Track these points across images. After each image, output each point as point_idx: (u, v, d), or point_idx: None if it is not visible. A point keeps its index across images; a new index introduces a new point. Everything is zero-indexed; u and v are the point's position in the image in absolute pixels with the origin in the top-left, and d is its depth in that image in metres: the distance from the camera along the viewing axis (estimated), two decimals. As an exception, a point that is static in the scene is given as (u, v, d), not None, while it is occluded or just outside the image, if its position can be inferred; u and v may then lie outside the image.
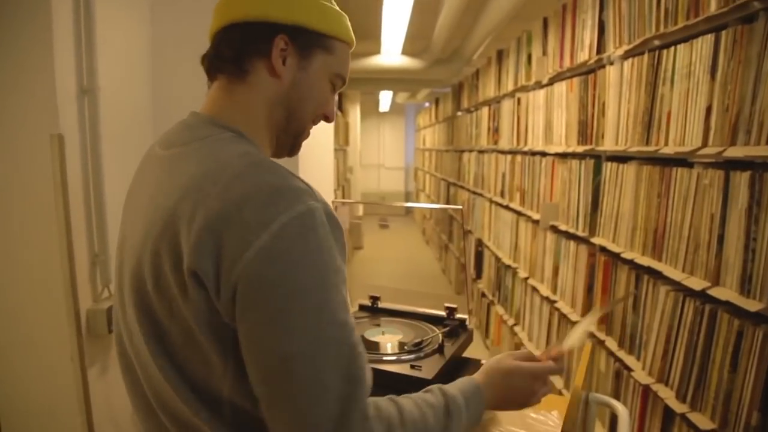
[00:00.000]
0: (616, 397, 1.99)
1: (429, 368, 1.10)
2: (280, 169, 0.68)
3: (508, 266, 3.54)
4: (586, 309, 2.30)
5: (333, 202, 1.43)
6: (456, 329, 1.30)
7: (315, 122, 0.87)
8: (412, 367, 1.11)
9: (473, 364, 1.26)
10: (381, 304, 1.48)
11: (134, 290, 0.72)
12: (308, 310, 0.63)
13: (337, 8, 0.83)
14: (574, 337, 0.94)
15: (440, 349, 1.19)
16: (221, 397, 0.69)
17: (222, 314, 0.64)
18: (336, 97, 0.90)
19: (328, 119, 0.88)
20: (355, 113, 9.64)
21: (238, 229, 0.62)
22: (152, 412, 0.75)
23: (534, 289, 3.00)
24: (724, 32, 1.43)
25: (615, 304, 2.04)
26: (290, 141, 0.85)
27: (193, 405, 0.69)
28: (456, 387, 0.82)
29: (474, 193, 4.81)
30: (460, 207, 1.30)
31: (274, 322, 0.62)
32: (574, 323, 2.38)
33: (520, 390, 0.86)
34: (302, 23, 0.77)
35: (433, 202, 8.08)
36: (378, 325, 1.35)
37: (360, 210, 8.01)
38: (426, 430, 0.71)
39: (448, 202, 6.46)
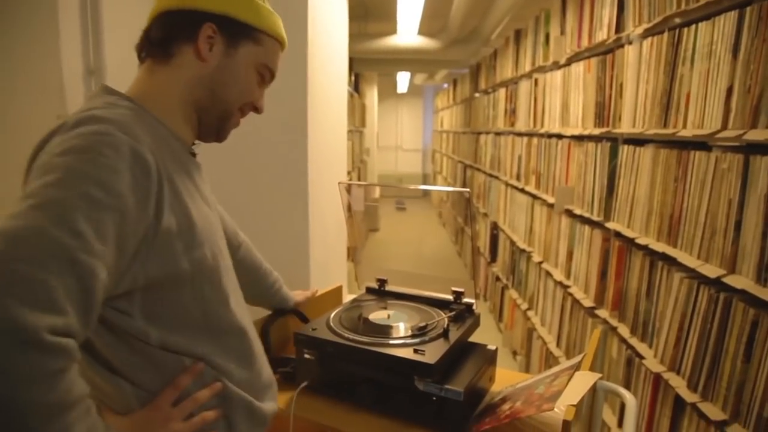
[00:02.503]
0: (627, 384, 1.96)
1: (432, 353, 1.09)
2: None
3: (523, 250, 3.50)
4: (599, 295, 2.27)
5: (339, 183, 1.41)
6: (462, 314, 1.28)
7: (243, 112, 0.93)
8: (416, 351, 1.10)
9: (480, 349, 1.25)
10: (388, 287, 1.47)
11: None
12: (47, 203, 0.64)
13: (270, 8, 0.91)
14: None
15: (445, 334, 1.18)
16: None
17: None
18: (264, 91, 0.95)
19: (257, 110, 0.95)
20: (372, 94, 9.57)
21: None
22: None
23: (548, 273, 2.96)
24: (748, 9, 1.37)
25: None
26: (215, 123, 0.90)
27: None
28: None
29: (490, 175, 4.76)
30: (467, 190, 1.27)
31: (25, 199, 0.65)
32: (586, 309, 2.35)
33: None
34: (231, 14, 0.85)
35: (449, 184, 8.02)
36: (384, 308, 1.34)
37: (377, 192, 7.99)
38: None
39: (464, 185, 6.41)
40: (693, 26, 1.60)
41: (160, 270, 0.75)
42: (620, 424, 2.00)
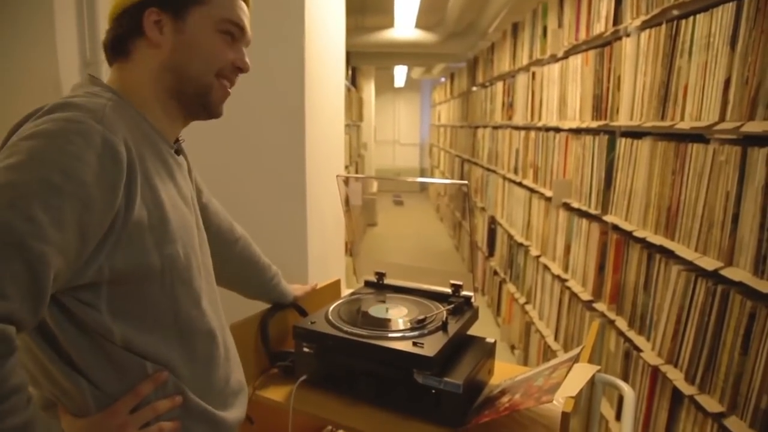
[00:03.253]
0: (625, 377, 1.97)
1: (431, 345, 1.09)
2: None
3: (521, 244, 3.51)
4: (597, 289, 2.27)
5: (337, 176, 1.41)
6: (461, 306, 1.28)
7: (226, 78, 0.88)
8: (415, 344, 1.10)
9: (478, 342, 1.25)
10: (387, 281, 1.47)
11: None
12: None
13: None
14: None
15: (444, 327, 1.18)
16: None
17: None
18: (244, 49, 0.90)
19: (241, 69, 0.89)
20: (369, 88, 9.54)
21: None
22: None
23: (545, 267, 2.97)
24: (746, 0, 1.36)
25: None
26: (196, 101, 0.87)
27: None
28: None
29: (488, 169, 4.76)
30: (466, 182, 1.27)
31: None
32: (584, 302, 2.35)
33: None
34: None
35: (447, 178, 8.02)
36: (383, 302, 1.34)
37: (374, 186, 7.97)
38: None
39: (462, 179, 6.40)
40: (691, 18, 1.60)
41: (127, 262, 0.74)
42: (618, 416, 2.00)
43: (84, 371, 0.76)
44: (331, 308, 1.28)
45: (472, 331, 1.29)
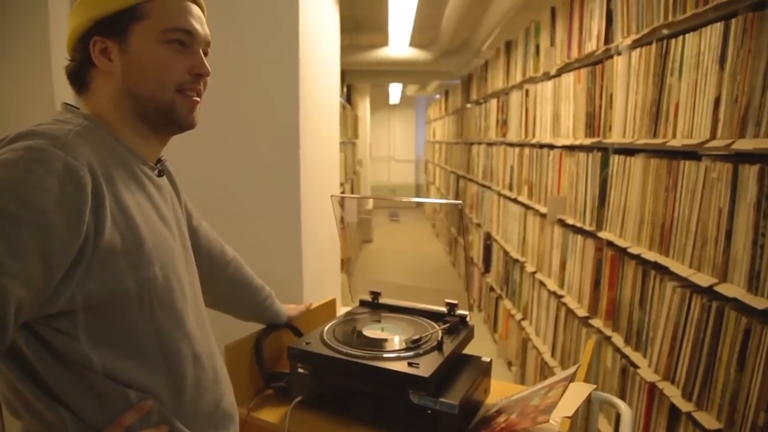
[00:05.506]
0: (622, 394, 1.96)
1: (427, 365, 1.08)
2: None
3: (516, 260, 3.51)
4: (593, 305, 2.27)
5: (332, 196, 1.41)
6: (456, 326, 1.28)
7: (188, 88, 0.85)
8: (410, 364, 1.09)
9: (474, 361, 1.25)
10: (382, 300, 1.47)
11: None
12: None
13: None
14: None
15: (439, 346, 1.17)
16: None
17: None
18: (202, 54, 0.86)
19: (200, 75, 0.85)
20: (364, 106, 9.60)
21: None
22: None
23: (541, 283, 2.96)
24: (733, 20, 1.39)
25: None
26: (162, 119, 0.85)
27: None
28: None
29: (483, 186, 4.78)
30: (460, 202, 1.27)
31: None
32: (580, 319, 2.35)
33: None
34: (97, 15, 0.80)
35: (443, 195, 8.03)
36: (378, 321, 1.34)
37: (370, 204, 7.99)
38: None
39: (457, 196, 6.42)
40: (680, 37, 1.62)
41: (101, 289, 0.73)
42: (616, 434, 1.99)
43: (65, 402, 0.74)
44: (326, 328, 1.28)
45: (470, 347, 1.28)
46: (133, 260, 0.76)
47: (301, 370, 1.19)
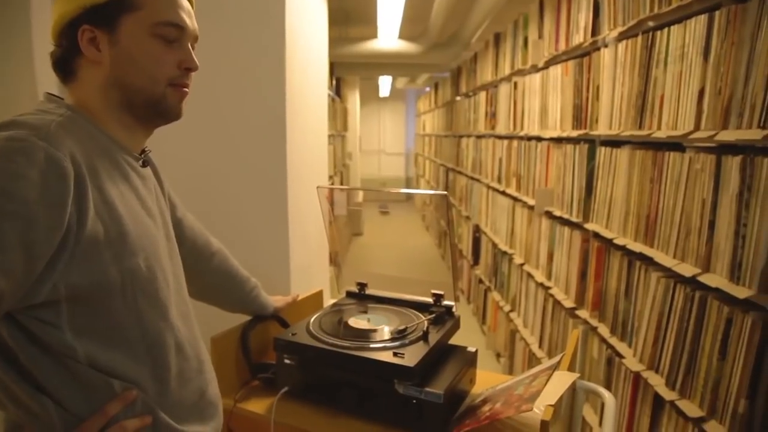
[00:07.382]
0: (608, 384, 1.98)
1: (412, 356, 1.09)
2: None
3: (504, 252, 3.52)
4: (580, 296, 2.29)
5: (318, 187, 1.41)
6: (442, 316, 1.28)
7: (178, 83, 0.85)
8: (395, 354, 1.10)
9: (460, 351, 1.25)
10: (369, 291, 1.47)
11: None
12: None
13: None
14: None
15: (425, 337, 1.18)
16: None
17: None
18: (191, 47, 0.87)
19: (189, 69, 0.86)
20: (354, 99, 9.56)
21: None
22: None
23: (529, 275, 2.98)
24: (717, 12, 1.40)
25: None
26: (150, 110, 0.85)
27: None
28: None
29: (472, 178, 4.79)
30: (445, 192, 1.28)
31: None
32: (567, 310, 2.37)
33: None
34: (87, 4, 0.79)
35: (432, 188, 8.04)
36: (364, 312, 1.34)
37: (360, 197, 8.00)
38: None
39: (447, 188, 6.43)
40: (666, 29, 1.63)
41: (84, 278, 0.73)
42: (602, 423, 2.01)
43: (49, 392, 0.74)
44: (312, 319, 1.28)
45: (458, 339, 1.29)
46: (116, 250, 0.76)
47: (287, 361, 1.19)
